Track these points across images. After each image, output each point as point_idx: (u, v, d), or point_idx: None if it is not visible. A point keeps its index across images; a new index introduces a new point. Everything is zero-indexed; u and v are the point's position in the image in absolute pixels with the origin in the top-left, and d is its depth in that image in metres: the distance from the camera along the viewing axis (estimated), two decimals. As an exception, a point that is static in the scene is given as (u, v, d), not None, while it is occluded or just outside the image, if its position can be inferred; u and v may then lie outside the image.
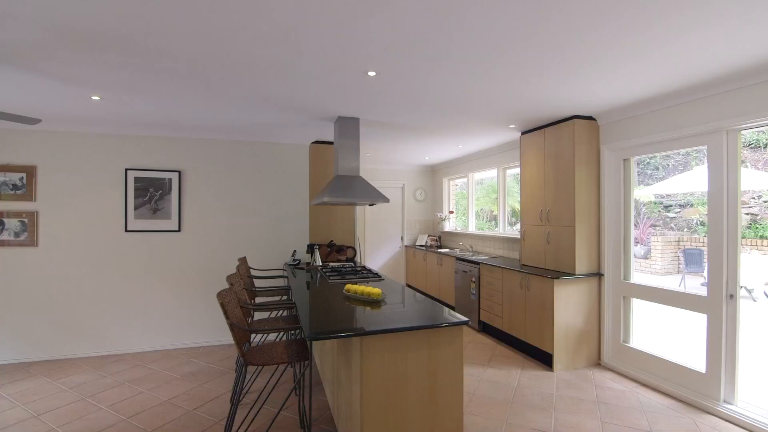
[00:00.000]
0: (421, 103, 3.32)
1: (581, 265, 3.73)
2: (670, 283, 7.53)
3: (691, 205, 10.46)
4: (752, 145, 8.86)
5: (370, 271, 3.84)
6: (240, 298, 2.72)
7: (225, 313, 2.06)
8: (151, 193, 4.30)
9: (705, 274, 7.12)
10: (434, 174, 7.61)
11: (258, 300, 4.25)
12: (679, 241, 9.19)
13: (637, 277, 3.61)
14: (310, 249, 4.41)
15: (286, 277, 3.94)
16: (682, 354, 3.41)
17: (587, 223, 3.76)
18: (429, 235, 7.23)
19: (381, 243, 7.33)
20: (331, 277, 3.51)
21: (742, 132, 2.79)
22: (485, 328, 4.81)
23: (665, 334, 4.64)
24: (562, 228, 3.86)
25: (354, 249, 5.06)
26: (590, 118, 3.78)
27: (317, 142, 4.90)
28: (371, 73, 2.60)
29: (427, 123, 4.05)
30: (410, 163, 7.09)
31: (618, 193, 3.67)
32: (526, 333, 3.99)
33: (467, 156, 6.20)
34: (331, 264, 4.38)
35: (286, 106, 3.40)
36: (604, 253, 3.75)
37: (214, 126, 4.15)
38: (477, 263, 4.89)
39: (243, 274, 3.50)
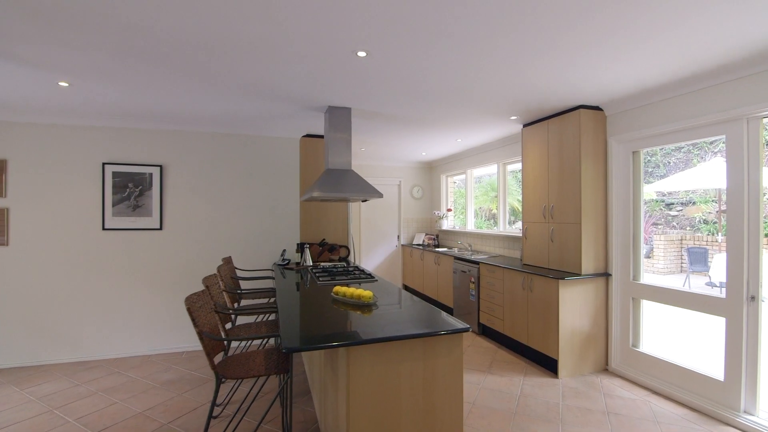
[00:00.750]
0: (417, 90, 3.08)
1: (588, 265, 3.51)
2: (674, 282, 7.34)
3: (694, 203, 10.27)
4: None
5: (362, 271, 3.60)
6: (217, 302, 2.48)
7: (193, 320, 1.82)
8: (130, 189, 4.05)
9: (710, 273, 6.93)
10: (432, 171, 7.38)
11: (244, 302, 4.01)
12: (681, 240, 8.99)
13: (647, 278, 3.39)
14: (300, 248, 4.16)
15: (274, 278, 3.69)
16: (697, 360, 3.19)
17: (594, 220, 3.53)
18: (426, 234, 7.00)
19: (376, 242, 7.09)
20: (320, 278, 3.27)
21: (765, 120, 2.57)
22: (485, 331, 4.59)
23: (678, 338, 4.38)
24: (567, 225, 3.64)
25: (347, 248, 4.82)
26: (597, 108, 3.55)
27: (308, 135, 4.66)
28: (361, 54, 2.36)
29: (424, 114, 3.82)
30: (407, 159, 6.86)
31: (626, 187, 3.44)
32: (529, 337, 3.77)
33: (466, 151, 5.97)
34: (322, 264, 4.14)
35: (272, 94, 3.16)
36: (612, 251, 3.53)
37: (197, 117, 3.90)
38: (476, 263, 4.67)
39: (225, 276, 3.26)
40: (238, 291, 3.23)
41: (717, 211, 9.30)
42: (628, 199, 3.44)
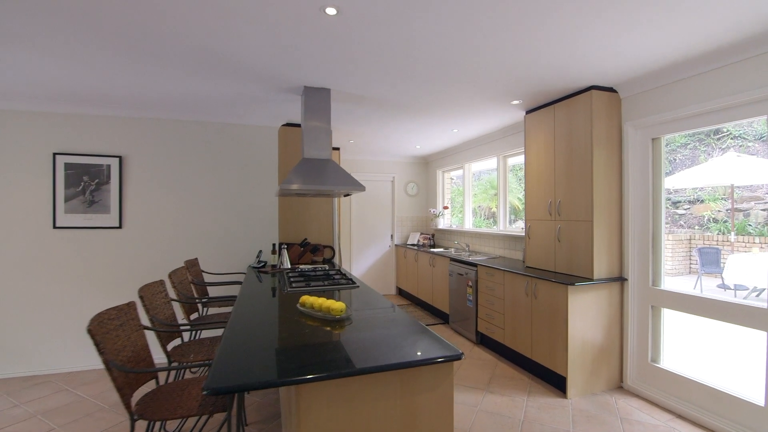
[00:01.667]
0: (403, 65, 2.64)
1: (600, 268, 3.08)
2: (684, 284, 6.92)
3: (702, 201, 9.85)
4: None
5: (344, 275, 3.17)
6: (155, 315, 2.04)
7: (97, 345, 1.38)
8: (85, 183, 3.61)
9: (723, 275, 6.48)
10: (427, 166, 6.95)
11: (212, 311, 3.57)
12: (690, 240, 8.57)
13: (669, 283, 2.96)
14: (276, 249, 3.72)
15: (241, 283, 3.24)
16: (730, 380, 2.75)
17: (607, 218, 3.10)
18: (421, 233, 6.57)
19: (368, 242, 6.65)
20: (294, 284, 2.83)
21: (819, 96, 2.14)
22: (484, 341, 4.15)
23: (705, 353, 3.74)
24: (577, 223, 3.20)
25: (332, 249, 4.39)
26: (610, 89, 3.12)
27: (288, 124, 4.22)
28: (330, 11, 1.92)
29: (414, 98, 3.38)
30: (400, 153, 6.42)
31: (645, 180, 3.01)
32: (533, 350, 3.33)
33: (463, 144, 5.54)
34: (301, 267, 3.70)
35: (233, 69, 2.72)
36: (628, 253, 3.09)
37: (160, 102, 3.46)
38: (474, 265, 4.23)
39: (182, 282, 2.82)
40: (197, 300, 2.79)
41: (728, 209, 8.90)
42: (646, 192, 3.00)
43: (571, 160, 3.27)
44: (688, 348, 3.39)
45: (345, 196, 3.42)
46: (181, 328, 2.23)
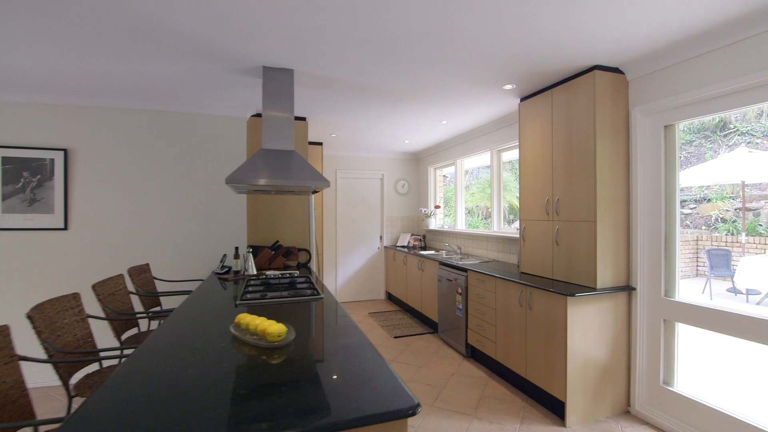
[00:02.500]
0: (380, 40, 2.25)
1: (604, 276, 2.67)
2: (691, 287, 6.51)
3: (709, 200, 9.45)
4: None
5: (312, 283, 2.77)
6: (48, 340, 1.64)
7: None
8: (25, 179, 3.22)
9: (734, 279, 6.07)
10: (418, 163, 6.54)
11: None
12: (697, 240, 8.16)
13: (685, 293, 2.55)
14: (238, 253, 3.32)
15: (190, 292, 2.83)
16: (757, 409, 2.33)
17: (612, 218, 2.70)
18: (412, 235, 6.17)
19: (356, 243, 6.25)
20: (249, 294, 2.44)
21: None
22: (474, 354, 3.75)
23: (728, 375, 3.10)
24: (577, 224, 2.80)
25: (308, 252, 3.99)
26: (616, 70, 2.72)
27: (258, 115, 3.83)
28: (264, -44, 1.53)
29: (393, 81, 2.98)
30: (389, 149, 6.02)
31: (656, 173, 2.61)
32: (528, 368, 2.93)
33: (455, 138, 5.14)
34: (268, 273, 3.30)
35: (178, 45, 2.32)
36: (637, 259, 2.69)
37: (107, 87, 3.07)
38: (464, 270, 3.83)
39: (112, 294, 2.42)
40: (126, 315, 2.39)
41: (736, 209, 8.50)
42: (658, 189, 2.60)
43: (571, 152, 2.87)
44: (707, 369, 2.97)
45: (313, 193, 3.02)
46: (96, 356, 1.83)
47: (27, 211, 3.22)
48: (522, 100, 3.40)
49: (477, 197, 6.01)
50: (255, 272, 3.32)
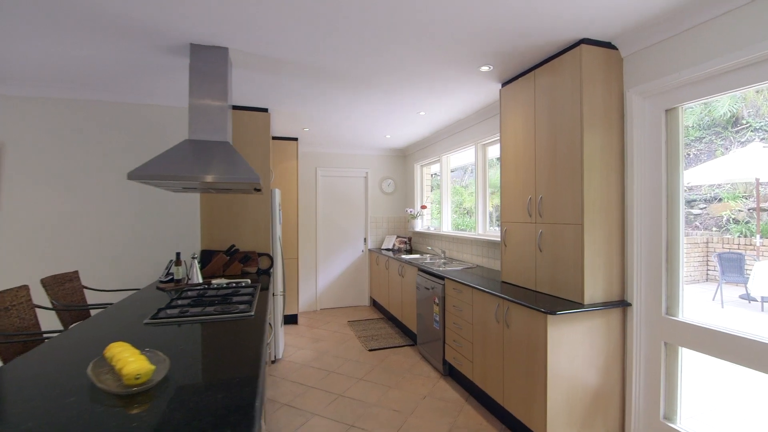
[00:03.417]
0: (321, 6, 1.86)
1: (594, 289, 2.26)
2: (700, 293, 6.03)
3: (720, 200, 8.92)
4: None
5: (251, 297, 2.39)
6: None
7: None
8: (-56, 176, 2.88)
9: (748, 285, 5.58)
10: (405, 160, 6.14)
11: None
12: (707, 243, 7.65)
13: (690, 311, 2.12)
14: (179, 260, 2.95)
15: (103, 306, 2.45)
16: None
17: (604, 220, 2.28)
18: (398, 237, 5.77)
19: (338, 246, 5.87)
20: (170, 308, 2.07)
21: None
22: (452, 371, 3.34)
23: (743, 412, 2.54)
24: (562, 227, 2.39)
25: (270, 257, 3.61)
26: (608, 45, 2.30)
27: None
28: None
29: (351, 63, 2.59)
30: (372, 145, 5.62)
31: (656, 167, 2.18)
32: (505, 394, 2.52)
33: (439, 132, 4.73)
34: (215, 281, 2.92)
35: (90, 18, 1.95)
36: (633, 269, 2.27)
37: (34, 74, 2.72)
38: (441, 278, 3.42)
39: (6, 309, 2.05)
40: (15, 336, 2.02)
41: (749, 209, 7.97)
42: (658, 185, 2.17)
43: (555, 143, 2.45)
44: (717, 402, 2.52)
45: (255, 191, 2.64)
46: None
47: (-54, 212, 2.88)
48: (503, 85, 2.99)
49: (470, 198, 5.59)
50: (200, 281, 2.95)
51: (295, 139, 4.98)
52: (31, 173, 3.04)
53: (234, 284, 2.80)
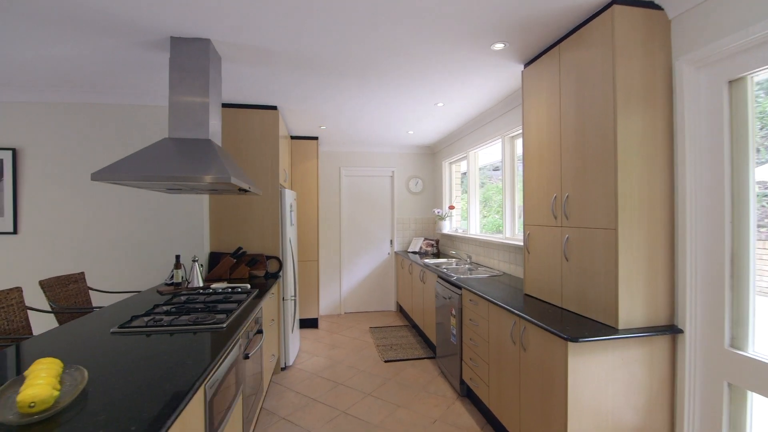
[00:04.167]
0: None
1: (632, 310, 1.81)
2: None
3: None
4: None
5: (238, 305, 2.24)
6: None
7: None
8: (-25, 181, 3.07)
9: None
10: (433, 157, 5.79)
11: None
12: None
13: (765, 343, 1.61)
14: (180, 262, 2.88)
15: (90, 310, 2.40)
16: None
17: (645, 224, 1.83)
18: (425, 239, 5.43)
19: (364, 249, 5.66)
20: (147, 317, 1.97)
21: None
22: (470, 392, 2.98)
23: None
24: (592, 232, 1.96)
25: (278, 260, 3.48)
26: (650, 4, 1.84)
27: (228, 105, 3.40)
28: None
29: (350, 49, 2.35)
30: (396, 142, 5.35)
31: (717, 157, 1.69)
32: (522, 428, 2.13)
33: (464, 126, 4.35)
34: (214, 285, 2.82)
35: (72, 18, 1.90)
36: (685, 286, 1.79)
37: (37, 78, 2.79)
38: (459, 287, 3.07)
39: (13, 309, 2.06)
40: (11, 340, 2.01)
41: None
42: (719, 179, 1.69)
43: (583, 130, 2.03)
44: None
45: (240, 191, 2.48)
46: None
47: (-23, 215, 3.06)
48: (525, 66, 2.58)
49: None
50: (201, 284, 2.87)
51: (315, 138, 4.85)
52: (52, 177, 3.15)
53: (230, 289, 2.67)
